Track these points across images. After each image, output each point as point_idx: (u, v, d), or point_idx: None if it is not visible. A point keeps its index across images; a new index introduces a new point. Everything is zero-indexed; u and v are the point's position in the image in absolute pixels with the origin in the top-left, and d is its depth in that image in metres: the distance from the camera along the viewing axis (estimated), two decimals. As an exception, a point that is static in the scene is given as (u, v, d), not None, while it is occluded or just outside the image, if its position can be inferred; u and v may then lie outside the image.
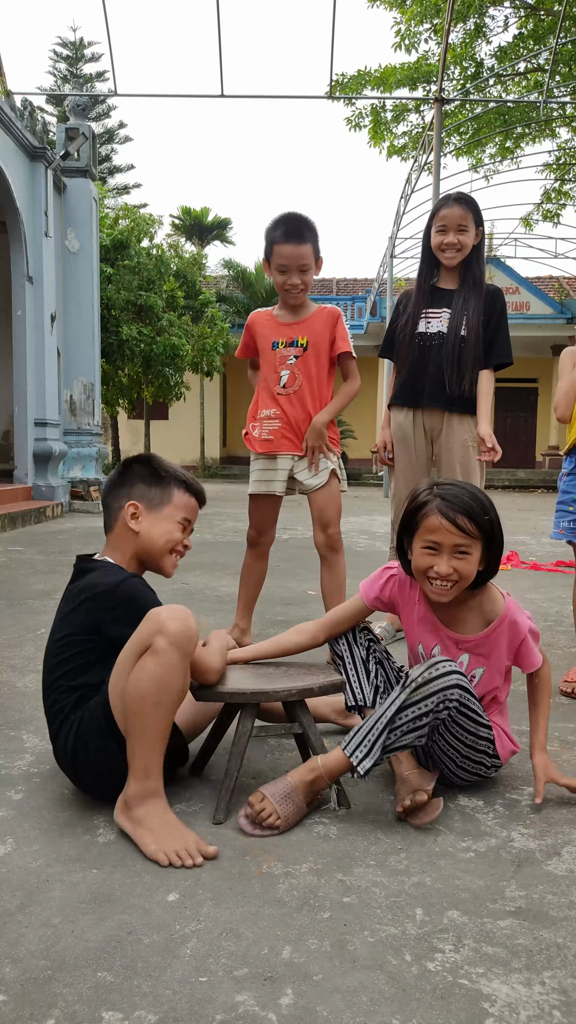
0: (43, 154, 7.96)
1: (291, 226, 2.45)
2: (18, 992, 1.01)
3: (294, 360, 2.56)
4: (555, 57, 9.43)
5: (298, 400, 2.57)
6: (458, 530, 1.54)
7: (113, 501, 1.70)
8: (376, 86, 11.35)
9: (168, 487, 1.70)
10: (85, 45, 24.30)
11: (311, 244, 2.48)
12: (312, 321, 2.58)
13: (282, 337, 2.58)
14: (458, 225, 2.69)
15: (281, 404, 2.58)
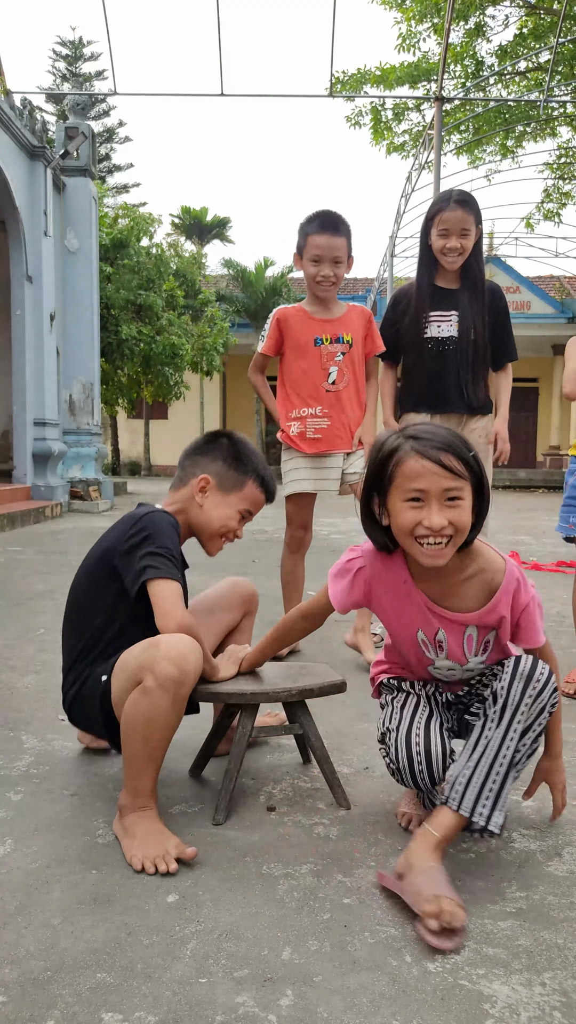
0: (42, 153, 7.95)
1: (327, 219, 2.47)
2: (18, 993, 1.01)
3: (342, 357, 2.56)
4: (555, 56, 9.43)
5: (346, 397, 2.58)
6: (444, 470, 1.26)
7: (191, 466, 1.71)
8: (376, 84, 11.35)
9: (245, 475, 1.69)
10: (84, 44, 24.29)
11: (345, 238, 2.49)
12: (350, 318, 2.60)
13: (326, 333, 2.57)
14: (461, 229, 2.63)
15: (330, 401, 2.57)
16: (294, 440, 2.65)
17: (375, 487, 1.35)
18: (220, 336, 15.41)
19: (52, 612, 3.31)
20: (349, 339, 2.57)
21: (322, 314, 2.59)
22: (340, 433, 2.59)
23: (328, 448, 2.60)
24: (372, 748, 1.87)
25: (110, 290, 11.75)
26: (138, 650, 1.39)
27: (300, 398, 2.61)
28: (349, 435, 2.62)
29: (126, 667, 1.41)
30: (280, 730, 1.64)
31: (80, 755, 1.80)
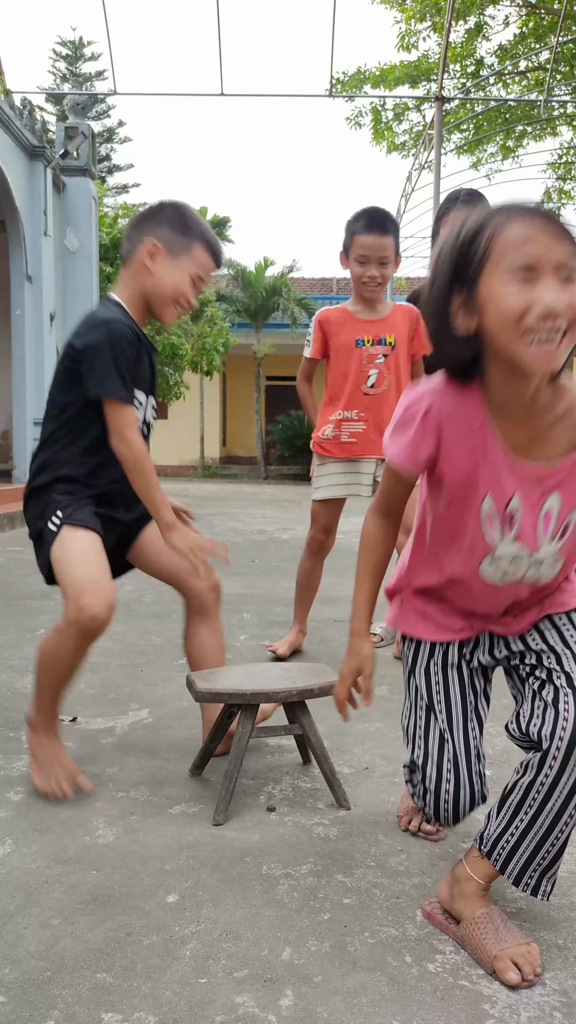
0: (42, 153, 7.95)
1: (374, 217, 2.40)
2: (17, 993, 1.01)
3: (383, 359, 2.49)
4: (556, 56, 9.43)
5: (385, 401, 2.50)
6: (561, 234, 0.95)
7: (136, 235, 1.71)
8: (376, 84, 11.35)
9: (192, 239, 1.70)
10: (85, 44, 24.28)
11: (393, 237, 2.43)
12: (394, 319, 2.52)
13: (368, 335, 2.50)
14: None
15: (367, 405, 2.51)
16: (324, 445, 2.59)
17: (457, 278, 1.00)
18: (220, 336, 15.41)
19: (52, 612, 3.31)
20: (392, 340, 2.50)
21: (365, 315, 2.52)
22: (375, 438, 2.51)
23: (361, 452, 2.54)
24: (372, 748, 1.87)
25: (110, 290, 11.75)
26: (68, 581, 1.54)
27: (340, 400, 2.55)
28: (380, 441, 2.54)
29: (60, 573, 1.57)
30: (280, 730, 1.64)
31: (80, 755, 1.79)
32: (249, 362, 20.30)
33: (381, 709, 2.15)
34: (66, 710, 2.09)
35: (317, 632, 3.04)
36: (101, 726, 1.99)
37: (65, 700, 2.17)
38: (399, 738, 1.94)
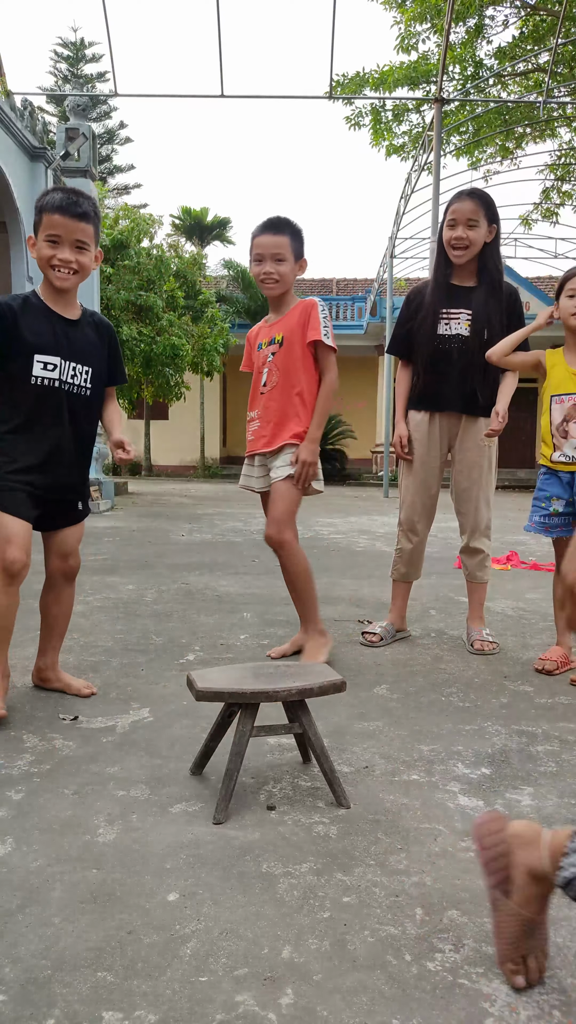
0: (43, 154, 7.96)
1: (270, 220, 2.52)
2: (18, 992, 1.01)
3: (272, 357, 2.57)
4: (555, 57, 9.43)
5: (275, 396, 2.57)
6: None
7: None
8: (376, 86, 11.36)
9: (40, 214, 1.99)
10: (86, 45, 24.30)
11: (288, 236, 2.50)
12: (289, 317, 2.58)
13: (265, 337, 2.61)
14: (467, 220, 2.63)
15: (263, 404, 2.60)
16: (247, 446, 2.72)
17: None
18: (220, 337, 15.41)
19: (52, 612, 3.31)
20: (279, 338, 2.56)
21: (272, 320, 2.63)
22: (264, 433, 2.59)
23: (254, 449, 2.64)
24: (372, 747, 1.87)
25: (110, 291, 11.75)
26: None
27: (251, 403, 2.67)
28: (271, 437, 2.56)
29: None
30: (280, 729, 1.64)
31: (80, 754, 1.80)
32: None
33: (381, 708, 2.15)
34: (66, 710, 2.09)
35: (317, 632, 3.04)
36: (102, 725, 1.99)
37: (59, 699, 2.17)
38: (399, 737, 1.94)
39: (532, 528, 2.66)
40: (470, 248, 2.67)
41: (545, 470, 2.61)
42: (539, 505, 2.61)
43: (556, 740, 1.96)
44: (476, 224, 2.64)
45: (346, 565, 4.79)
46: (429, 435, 2.86)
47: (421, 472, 2.89)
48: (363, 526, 7.36)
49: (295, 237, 2.51)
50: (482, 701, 2.25)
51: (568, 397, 2.51)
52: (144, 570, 4.45)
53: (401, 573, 2.99)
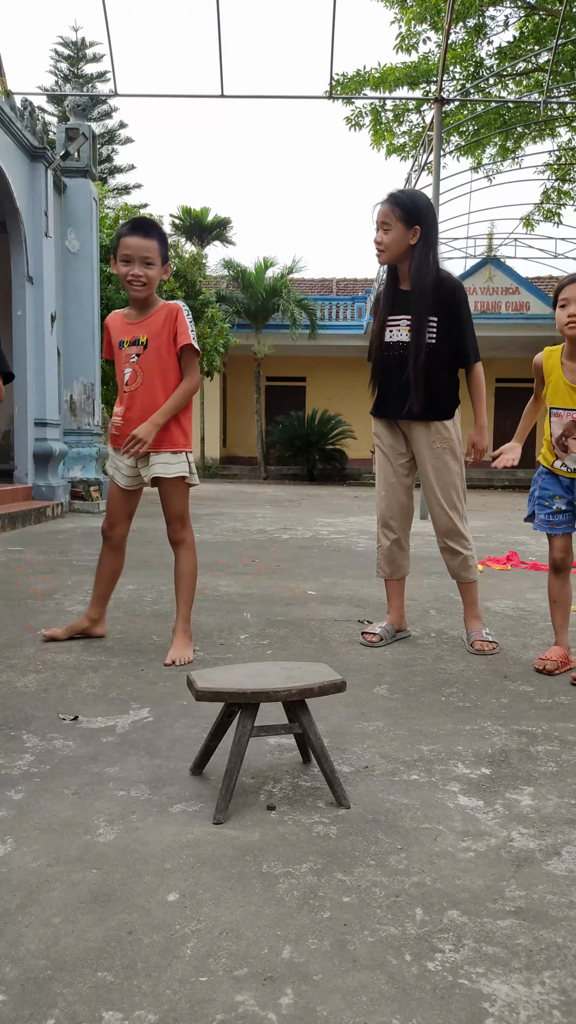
0: (43, 154, 7.96)
1: (138, 222, 2.59)
2: (18, 992, 1.01)
3: (136, 358, 2.64)
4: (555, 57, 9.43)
5: (140, 397, 2.63)
6: None
7: None
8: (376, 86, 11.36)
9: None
10: (86, 45, 24.31)
11: (156, 240, 2.57)
12: (153, 318, 2.64)
13: (127, 336, 2.66)
14: (381, 222, 2.66)
15: (126, 401, 2.67)
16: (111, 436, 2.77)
17: None
18: (220, 337, 15.41)
19: (52, 612, 3.31)
20: (144, 340, 2.63)
21: (133, 317, 2.68)
22: (129, 431, 2.65)
23: (118, 445, 2.69)
24: (372, 747, 1.87)
25: (111, 291, 11.74)
26: None
27: (119, 397, 2.72)
28: None
29: None
30: (280, 729, 1.64)
31: (80, 754, 1.80)
32: (249, 363, 20.31)
33: (381, 708, 2.15)
34: (66, 710, 2.09)
35: (317, 632, 3.04)
36: (102, 725, 1.99)
37: (59, 699, 2.18)
38: (399, 737, 1.94)
39: (538, 527, 2.68)
40: (386, 252, 2.68)
41: (545, 470, 2.63)
42: (543, 504, 2.63)
43: (556, 740, 1.96)
44: (388, 227, 2.64)
45: (346, 565, 4.79)
46: (394, 440, 2.91)
47: (389, 473, 2.93)
48: (363, 526, 7.36)
49: (162, 241, 2.60)
50: (482, 701, 2.25)
51: (567, 412, 2.49)
52: (144, 570, 4.45)
53: (385, 572, 3.00)
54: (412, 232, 2.66)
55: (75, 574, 4.28)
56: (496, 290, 18.07)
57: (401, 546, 2.98)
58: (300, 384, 22.49)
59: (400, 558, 2.99)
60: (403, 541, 2.99)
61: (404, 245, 2.67)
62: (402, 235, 2.66)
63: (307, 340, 19.07)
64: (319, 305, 19.66)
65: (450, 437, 2.81)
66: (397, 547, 2.97)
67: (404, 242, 2.67)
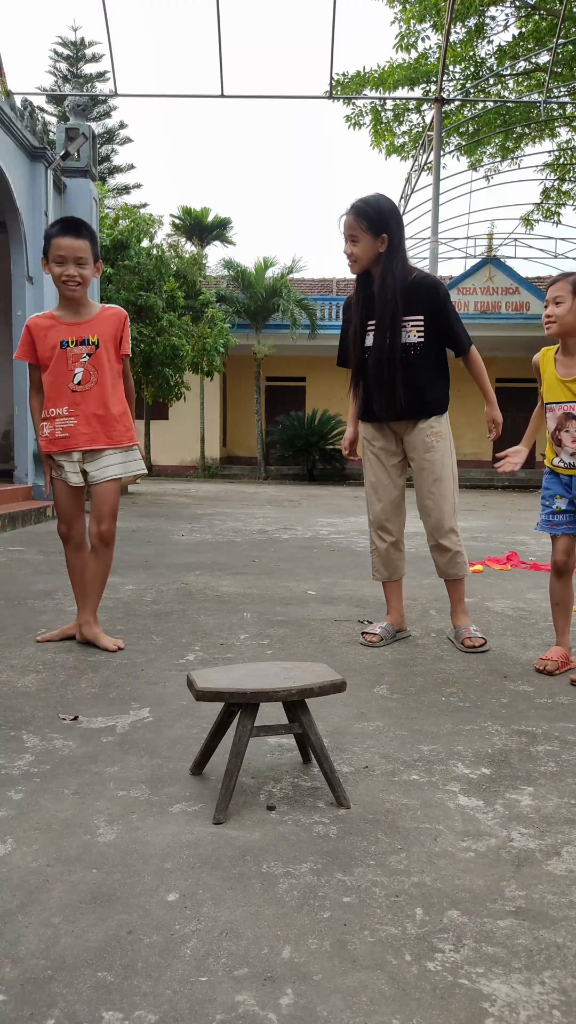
0: (43, 154, 7.96)
1: (69, 222, 2.61)
2: (18, 992, 1.01)
3: (87, 358, 2.67)
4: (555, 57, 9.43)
5: (93, 396, 2.68)
6: None
7: None
8: (376, 86, 11.36)
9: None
10: (86, 45, 24.30)
11: (88, 240, 2.60)
12: (100, 320, 2.70)
13: (72, 336, 2.67)
14: (348, 234, 2.70)
15: (76, 401, 2.68)
16: (43, 443, 2.73)
17: None
18: (220, 337, 15.41)
19: (52, 612, 3.31)
20: (95, 340, 2.67)
21: (70, 318, 2.69)
22: (85, 431, 2.68)
23: (73, 446, 2.69)
24: (372, 747, 1.87)
25: (111, 291, 11.75)
26: None
27: (50, 400, 2.71)
28: (93, 434, 2.70)
29: None
30: (280, 729, 1.64)
31: (80, 754, 1.80)
32: (249, 363, 20.31)
33: (381, 708, 2.15)
34: (66, 710, 2.09)
35: (317, 632, 3.04)
36: (102, 725, 1.99)
37: (59, 699, 2.18)
38: (399, 737, 1.94)
39: (538, 526, 2.70)
40: (357, 262, 2.73)
41: (548, 470, 2.64)
42: (544, 503, 2.65)
43: (556, 740, 1.96)
44: (356, 239, 2.68)
45: (346, 565, 4.79)
46: (384, 436, 2.93)
47: (383, 475, 2.95)
48: (363, 526, 7.36)
49: (93, 241, 2.63)
50: (482, 701, 2.25)
51: (559, 406, 2.52)
52: (144, 570, 4.45)
53: (382, 574, 3.01)
54: (380, 240, 2.70)
55: (75, 574, 4.28)
56: (496, 290, 18.07)
57: (398, 547, 3.00)
58: (300, 384, 22.49)
59: (397, 559, 3.01)
60: (400, 543, 3.01)
61: (373, 253, 2.71)
62: (371, 244, 2.69)
63: (307, 340, 19.07)
64: (319, 305, 19.66)
65: (442, 431, 2.85)
66: (394, 549, 2.99)
67: (373, 250, 2.71)
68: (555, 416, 2.54)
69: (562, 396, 2.51)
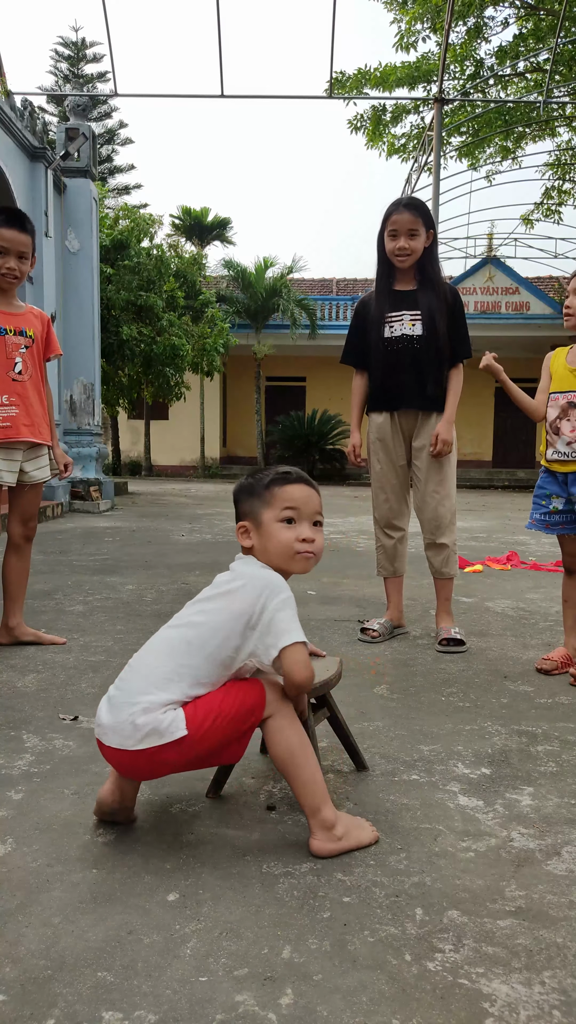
0: (43, 154, 7.96)
1: (14, 214, 2.59)
2: (18, 992, 1.01)
3: (25, 350, 2.68)
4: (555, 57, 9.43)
5: (29, 389, 2.68)
6: None
7: None
8: (376, 86, 11.36)
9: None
10: (87, 45, 24.29)
11: (31, 236, 2.61)
12: (32, 317, 2.73)
13: (10, 325, 2.66)
14: (408, 230, 2.78)
15: (17, 391, 2.66)
16: None
17: None
18: (220, 337, 15.41)
19: (52, 612, 3.31)
20: (31, 334, 2.70)
21: (4, 307, 2.68)
22: (26, 422, 2.66)
23: (16, 436, 2.65)
24: (372, 747, 1.87)
25: (111, 291, 11.75)
26: None
27: None
28: (34, 427, 2.69)
29: None
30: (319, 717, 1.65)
31: (80, 754, 1.80)
32: (249, 363, 20.30)
33: (381, 708, 2.15)
34: (66, 710, 2.09)
35: (317, 632, 3.04)
36: (101, 726, 1.99)
37: (59, 699, 2.17)
38: (399, 737, 1.94)
39: (532, 526, 2.69)
40: (412, 255, 2.83)
41: (544, 469, 2.64)
42: (539, 503, 2.64)
43: (556, 740, 1.96)
44: (416, 233, 2.80)
45: (346, 565, 4.79)
46: (392, 434, 2.98)
47: (389, 471, 3.01)
48: (363, 526, 7.36)
49: (34, 235, 2.64)
50: (482, 701, 2.25)
51: (563, 395, 2.53)
52: (144, 570, 4.45)
53: (388, 570, 3.08)
54: (428, 236, 2.85)
55: (75, 574, 4.28)
56: (496, 290, 18.07)
57: (404, 542, 3.08)
58: (300, 384, 22.49)
59: (403, 556, 3.08)
60: (406, 537, 3.09)
61: (423, 248, 2.85)
62: (424, 240, 2.84)
63: (307, 340, 19.07)
64: (319, 305, 19.66)
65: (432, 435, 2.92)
66: (401, 544, 3.06)
67: (423, 246, 2.85)
68: (558, 405, 2.54)
69: (568, 385, 2.52)
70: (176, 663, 1.37)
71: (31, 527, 2.78)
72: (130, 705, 1.33)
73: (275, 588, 1.39)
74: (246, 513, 1.48)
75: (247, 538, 1.48)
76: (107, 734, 1.35)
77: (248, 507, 1.48)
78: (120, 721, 1.33)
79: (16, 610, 2.80)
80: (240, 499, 1.50)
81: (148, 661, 1.40)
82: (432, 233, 2.86)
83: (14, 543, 2.78)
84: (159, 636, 1.46)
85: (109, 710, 1.36)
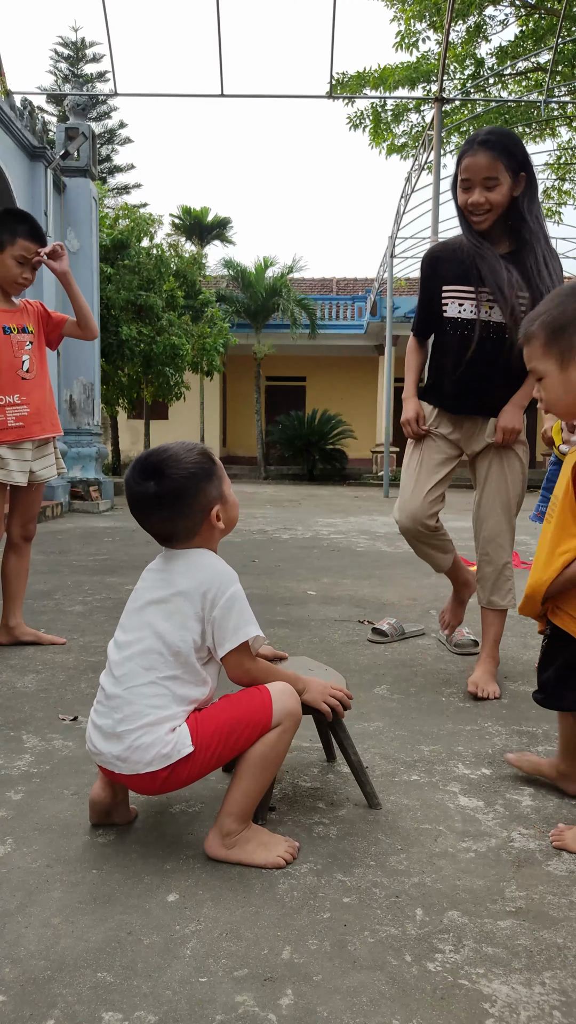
0: (43, 154, 7.95)
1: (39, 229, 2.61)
2: (18, 992, 1.01)
3: (30, 346, 2.66)
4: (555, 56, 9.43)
5: (37, 386, 2.68)
6: None
7: None
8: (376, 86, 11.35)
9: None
10: (87, 45, 24.27)
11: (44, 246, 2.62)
12: (29, 312, 2.70)
13: (13, 323, 2.64)
14: (484, 179, 2.07)
15: (27, 389, 2.64)
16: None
17: None
18: (220, 336, 15.41)
19: (52, 612, 3.31)
20: (33, 330, 2.70)
21: (4, 304, 2.65)
22: (36, 420, 2.66)
23: (28, 435, 2.64)
24: (372, 747, 1.87)
25: (110, 290, 11.74)
26: None
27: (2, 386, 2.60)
28: (44, 422, 2.69)
29: None
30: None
31: (80, 754, 1.80)
32: (249, 362, 20.30)
33: (381, 709, 2.15)
34: (66, 710, 2.09)
35: (317, 632, 3.04)
36: (101, 726, 1.99)
37: (59, 699, 2.17)
38: (398, 737, 1.94)
39: (536, 518, 2.61)
40: (492, 211, 2.11)
41: (554, 459, 2.57)
42: (546, 495, 2.56)
43: (556, 740, 1.95)
44: (496, 182, 2.06)
45: (346, 565, 4.79)
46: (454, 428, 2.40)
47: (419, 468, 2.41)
48: (363, 526, 7.36)
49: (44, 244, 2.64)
50: (482, 701, 2.25)
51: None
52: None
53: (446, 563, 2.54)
54: (519, 180, 2.11)
55: (75, 574, 4.28)
56: (496, 290, 18.00)
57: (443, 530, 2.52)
58: (300, 384, 22.49)
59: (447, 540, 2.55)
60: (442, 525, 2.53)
61: (509, 199, 2.11)
62: (508, 189, 2.09)
63: (307, 340, 19.07)
64: (319, 305, 19.65)
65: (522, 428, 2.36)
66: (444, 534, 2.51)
67: (508, 196, 2.10)
68: None
69: None
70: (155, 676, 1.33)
71: (31, 527, 2.78)
72: (128, 734, 1.30)
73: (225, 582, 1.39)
74: (214, 497, 1.46)
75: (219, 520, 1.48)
76: (113, 763, 1.32)
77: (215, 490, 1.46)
78: (123, 750, 1.30)
79: (16, 610, 2.79)
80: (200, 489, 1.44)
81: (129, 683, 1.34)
82: (524, 176, 2.09)
83: (13, 543, 2.78)
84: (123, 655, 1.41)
85: (104, 739, 1.33)
